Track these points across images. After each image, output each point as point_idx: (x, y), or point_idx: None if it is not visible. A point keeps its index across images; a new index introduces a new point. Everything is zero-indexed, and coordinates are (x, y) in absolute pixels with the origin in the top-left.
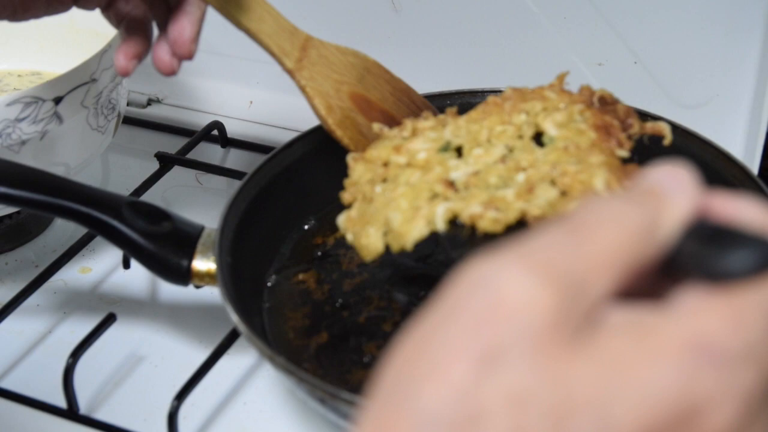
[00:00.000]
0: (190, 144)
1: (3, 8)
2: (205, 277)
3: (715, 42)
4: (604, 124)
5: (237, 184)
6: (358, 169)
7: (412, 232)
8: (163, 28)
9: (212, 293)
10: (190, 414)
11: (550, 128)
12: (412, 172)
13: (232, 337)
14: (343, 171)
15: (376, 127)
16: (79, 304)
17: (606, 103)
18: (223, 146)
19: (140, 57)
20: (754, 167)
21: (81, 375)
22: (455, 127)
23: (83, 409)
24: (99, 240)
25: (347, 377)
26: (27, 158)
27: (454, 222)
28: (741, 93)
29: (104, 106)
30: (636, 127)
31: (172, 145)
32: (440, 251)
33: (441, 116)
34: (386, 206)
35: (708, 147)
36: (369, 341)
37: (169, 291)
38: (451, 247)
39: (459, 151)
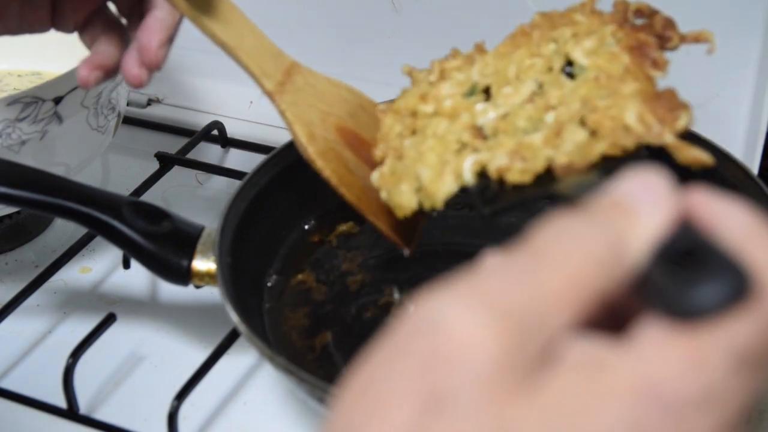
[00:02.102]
0: (190, 144)
1: None
2: (205, 277)
3: (716, 42)
4: (638, 44)
5: (237, 184)
6: (387, 122)
7: (441, 188)
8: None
9: (212, 293)
10: (190, 414)
11: (579, 57)
12: (440, 121)
13: (232, 337)
14: None
15: (406, 69)
16: (79, 304)
17: (643, 15)
18: (223, 146)
19: (106, 69)
20: (754, 167)
21: (81, 375)
22: (483, 65)
23: (83, 409)
24: (99, 240)
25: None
26: (27, 158)
27: (483, 174)
28: (741, 93)
29: (104, 106)
30: (675, 39)
31: (172, 145)
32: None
33: (469, 52)
34: (416, 161)
35: (708, 147)
36: (373, 339)
37: (169, 291)
38: (483, 203)
39: (488, 92)
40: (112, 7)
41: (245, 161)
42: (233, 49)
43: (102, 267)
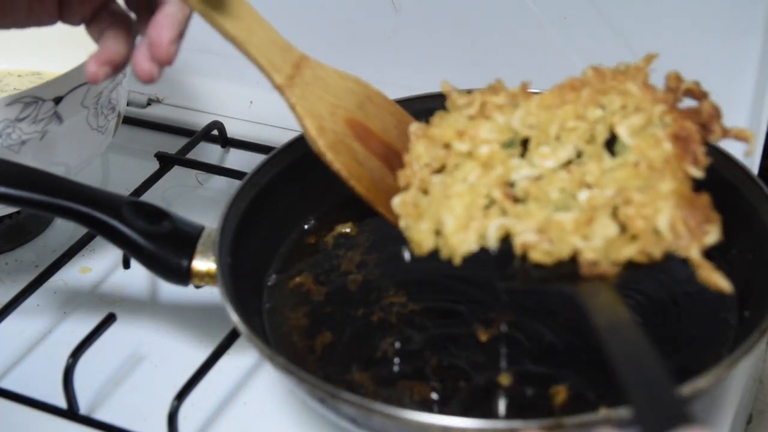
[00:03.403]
0: (190, 144)
1: None
2: (205, 277)
3: (715, 42)
4: (684, 134)
5: (237, 184)
6: (418, 148)
7: (461, 245)
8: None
9: (212, 293)
10: (190, 414)
11: (624, 134)
12: (472, 167)
13: (232, 337)
14: None
15: (445, 87)
16: (79, 304)
17: (694, 95)
18: (223, 146)
19: (114, 64)
20: (754, 167)
21: (81, 375)
22: (526, 113)
23: (83, 409)
24: (99, 240)
25: (348, 377)
26: (27, 158)
27: (505, 239)
28: (741, 93)
29: (104, 106)
30: (718, 133)
31: (172, 145)
32: None
33: (513, 91)
34: (441, 204)
35: (708, 147)
36: (374, 339)
37: (169, 291)
38: (501, 278)
39: (526, 144)
40: (120, 0)
41: (245, 161)
42: (243, 43)
43: (102, 267)
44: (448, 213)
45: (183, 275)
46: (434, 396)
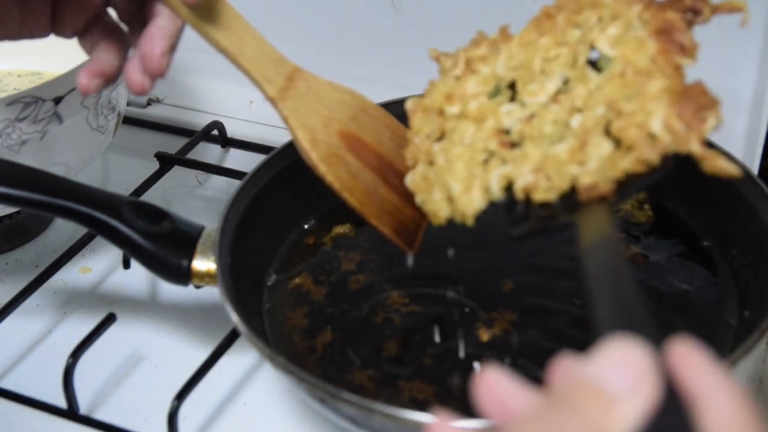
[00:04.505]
0: (190, 144)
1: None
2: (205, 277)
3: (715, 42)
4: (666, 26)
5: (237, 184)
6: (416, 122)
7: (470, 205)
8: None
9: (212, 293)
10: (190, 414)
11: (605, 47)
12: (467, 126)
13: (232, 337)
14: None
15: (433, 53)
16: (79, 304)
17: None
18: (223, 146)
19: (106, 76)
20: (754, 167)
21: (81, 375)
22: (508, 57)
23: (83, 409)
24: (99, 240)
25: (348, 377)
26: (27, 158)
27: (510, 188)
28: (741, 93)
29: (104, 106)
30: (706, 12)
31: (172, 145)
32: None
33: (494, 37)
34: (446, 171)
35: (707, 147)
36: (375, 339)
37: (169, 291)
38: (512, 224)
39: (514, 87)
40: (112, 13)
41: (245, 161)
42: (235, 56)
43: (102, 267)
44: (452, 178)
45: (183, 275)
46: (434, 396)
